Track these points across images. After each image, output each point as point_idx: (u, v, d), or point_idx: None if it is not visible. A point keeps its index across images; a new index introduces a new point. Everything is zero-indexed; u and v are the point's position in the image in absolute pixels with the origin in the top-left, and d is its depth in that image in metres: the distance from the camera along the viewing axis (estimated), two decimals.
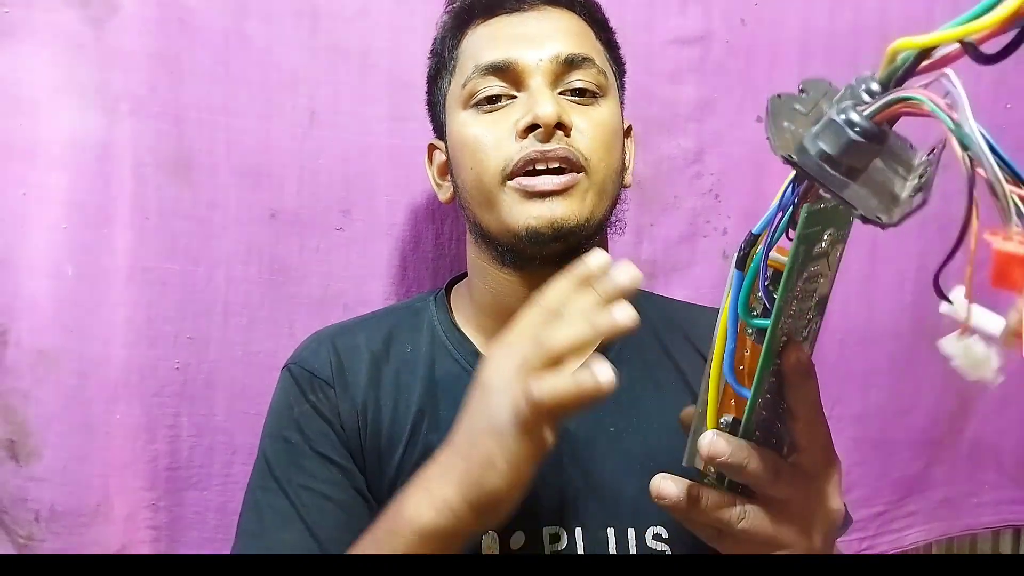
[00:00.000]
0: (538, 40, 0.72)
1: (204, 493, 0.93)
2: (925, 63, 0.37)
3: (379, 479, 0.70)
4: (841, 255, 0.46)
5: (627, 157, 0.81)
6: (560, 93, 0.71)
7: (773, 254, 0.45)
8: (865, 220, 0.39)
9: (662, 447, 0.71)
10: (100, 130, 0.87)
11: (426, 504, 0.50)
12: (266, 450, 0.72)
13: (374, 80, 0.94)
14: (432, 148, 0.82)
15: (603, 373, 0.46)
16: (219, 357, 0.92)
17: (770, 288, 0.45)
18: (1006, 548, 1.20)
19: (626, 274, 0.50)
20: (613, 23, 0.80)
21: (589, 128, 0.70)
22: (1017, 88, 1.05)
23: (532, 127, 0.68)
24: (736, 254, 0.46)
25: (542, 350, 0.48)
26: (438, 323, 0.77)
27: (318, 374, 0.73)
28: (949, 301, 0.40)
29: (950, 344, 0.39)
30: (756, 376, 0.46)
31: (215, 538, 0.93)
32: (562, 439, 0.70)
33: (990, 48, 0.36)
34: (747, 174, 1.03)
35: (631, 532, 0.69)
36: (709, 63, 1.01)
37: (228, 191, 0.91)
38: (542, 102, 0.68)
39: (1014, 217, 0.35)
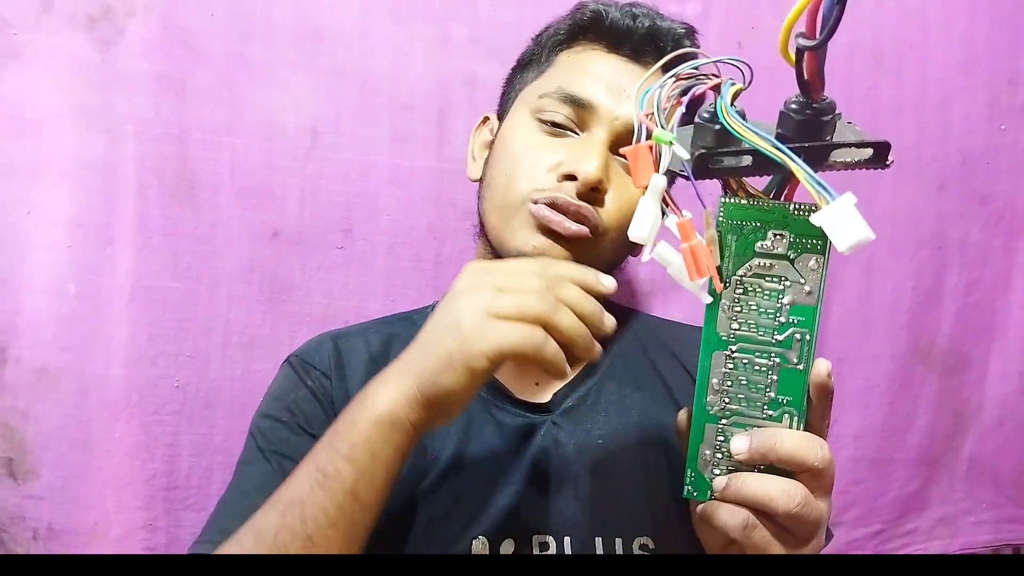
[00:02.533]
0: (626, 97, 0.71)
1: (201, 514, 0.93)
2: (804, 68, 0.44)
3: None
4: (823, 269, 0.48)
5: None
6: (618, 154, 0.71)
7: None
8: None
9: (649, 459, 0.73)
10: (105, 151, 0.88)
11: (384, 394, 0.52)
12: (254, 428, 0.74)
13: (375, 102, 0.95)
14: (486, 119, 0.83)
15: (568, 369, 0.52)
16: (219, 376, 0.92)
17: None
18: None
19: (611, 322, 0.54)
20: None
21: (624, 200, 0.71)
22: (1010, 110, 1.07)
23: (573, 177, 0.69)
24: None
25: (543, 307, 0.51)
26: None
27: (317, 366, 0.75)
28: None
29: (656, 253, 0.49)
30: (700, 356, 0.51)
31: None
32: (552, 450, 0.71)
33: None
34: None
35: (619, 542, 0.69)
36: None
37: (230, 211, 0.92)
38: (591, 159, 0.68)
39: (635, 135, 0.50)
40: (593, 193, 0.69)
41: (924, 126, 1.04)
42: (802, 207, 0.48)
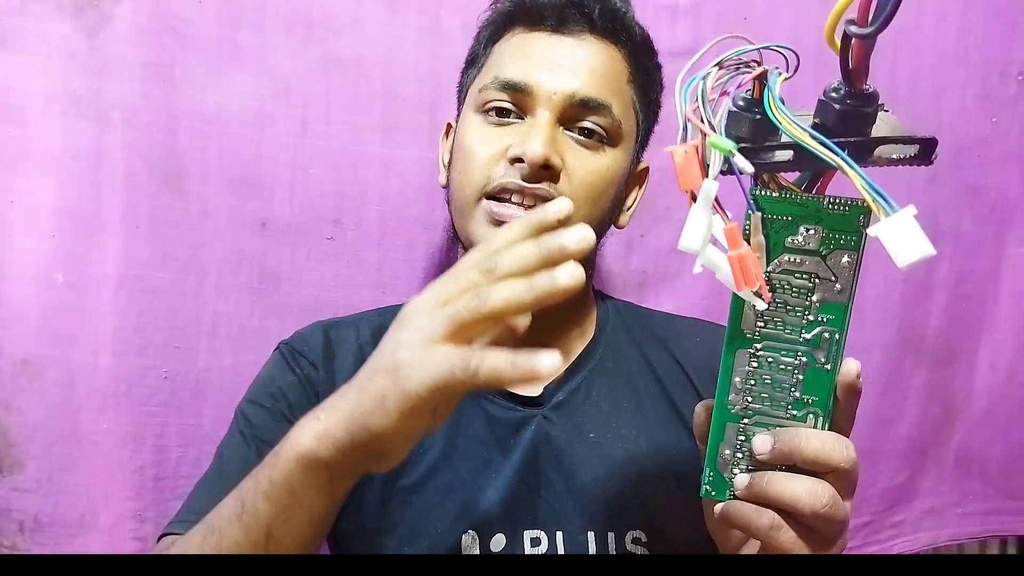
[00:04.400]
0: (561, 71, 0.70)
1: None
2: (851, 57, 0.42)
3: None
4: (856, 267, 0.47)
5: (632, 199, 0.82)
6: (567, 129, 0.71)
7: None
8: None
9: (641, 453, 0.73)
10: (92, 139, 0.87)
11: (310, 431, 0.47)
12: (239, 413, 0.74)
13: (366, 90, 0.94)
14: (449, 127, 0.83)
15: (545, 363, 0.42)
16: (207, 366, 0.92)
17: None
18: None
19: (576, 235, 0.44)
20: None
21: (581, 174, 0.70)
22: (1002, 102, 1.07)
23: (520, 159, 0.68)
24: None
25: (475, 304, 0.43)
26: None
27: (306, 355, 0.75)
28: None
29: (703, 256, 0.45)
30: (723, 353, 0.49)
31: None
32: (543, 443, 0.71)
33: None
34: (737, 186, 1.04)
35: (611, 536, 0.69)
36: None
37: (219, 200, 0.91)
38: (534, 139, 0.67)
39: (680, 129, 0.46)
40: (545, 172, 0.68)
41: (916, 117, 1.04)
42: (837, 201, 0.46)
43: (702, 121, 0.44)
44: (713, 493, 0.52)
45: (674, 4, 1.01)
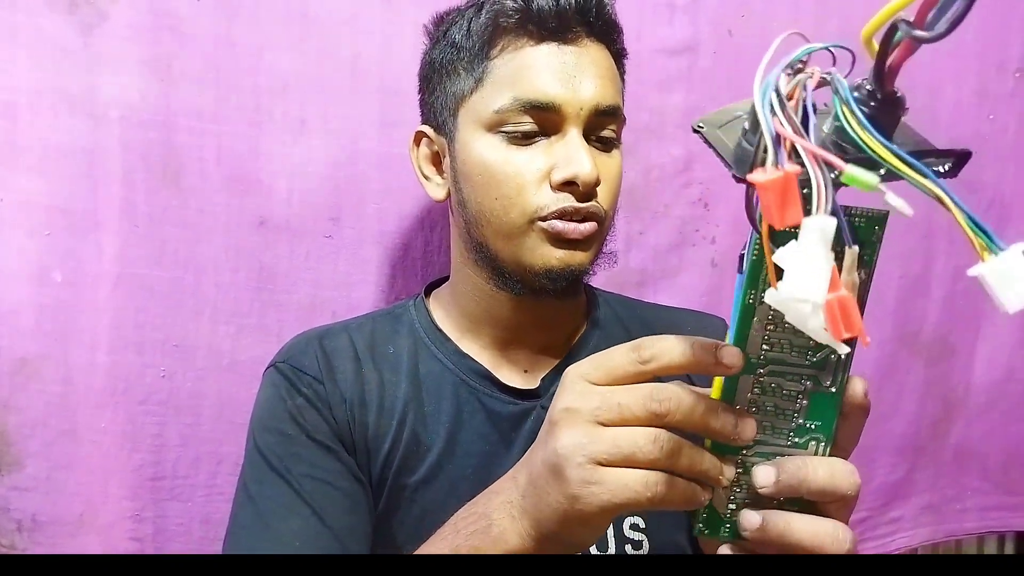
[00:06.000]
0: (581, 84, 0.70)
1: (188, 504, 0.92)
2: (890, 57, 0.37)
3: (366, 474, 0.71)
4: (869, 283, 0.43)
5: None
6: (589, 140, 0.71)
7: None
8: (736, 180, 0.40)
9: None
10: (89, 136, 0.87)
11: (514, 532, 0.49)
12: (259, 444, 0.71)
13: (364, 87, 0.94)
14: (421, 135, 0.79)
15: (706, 497, 0.45)
16: (206, 365, 0.91)
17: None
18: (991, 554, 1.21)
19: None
20: None
21: (608, 180, 0.71)
22: (999, 98, 1.07)
23: (571, 182, 0.68)
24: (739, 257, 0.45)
25: (655, 452, 0.43)
26: (419, 325, 0.78)
27: (307, 371, 0.73)
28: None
29: (770, 296, 0.37)
30: (725, 380, 0.45)
31: (199, 550, 0.92)
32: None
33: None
34: (735, 183, 1.04)
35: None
36: (697, 72, 1.02)
37: (217, 198, 0.90)
38: (583, 160, 0.68)
39: (771, 150, 0.36)
40: (592, 189, 0.69)
41: (913, 113, 1.04)
42: (853, 212, 0.42)
43: (804, 138, 0.36)
44: (707, 532, 0.48)
45: (672, 1, 1.01)
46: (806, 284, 0.36)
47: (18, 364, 0.86)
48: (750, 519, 0.45)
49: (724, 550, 0.48)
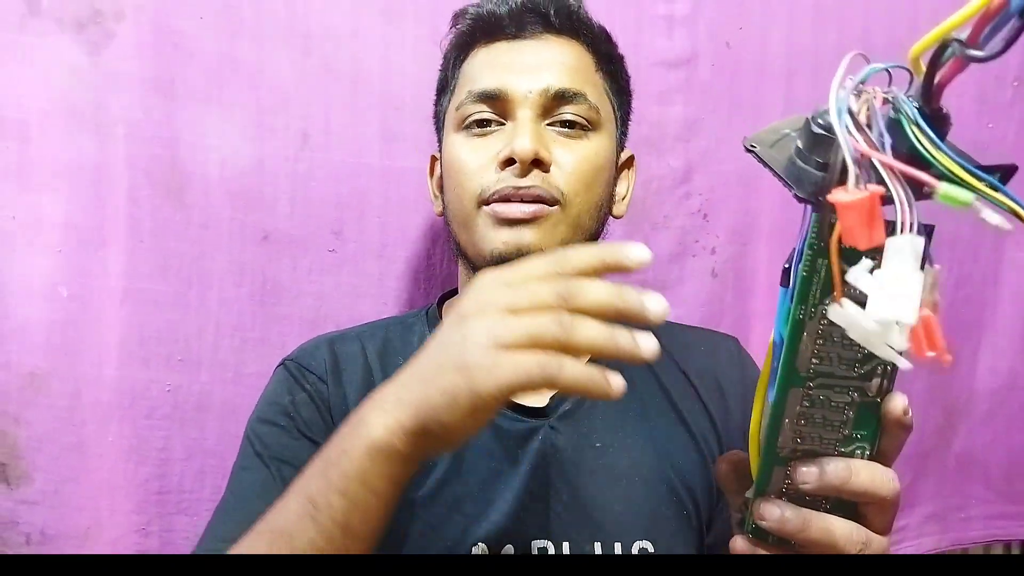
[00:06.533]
0: (531, 71, 0.73)
1: (194, 518, 0.92)
2: (939, 75, 0.38)
3: None
4: None
5: (624, 187, 0.83)
6: (549, 124, 0.73)
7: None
8: (799, 199, 0.40)
9: (646, 463, 0.73)
10: (96, 153, 0.88)
11: (380, 424, 0.48)
12: (251, 433, 0.72)
13: (366, 101, 0.95)
14: (434, 160, 0.84)
15: (617, 386, 0.44)
16: (210, 379, 0.92)
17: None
18: None
19: (660, 306, 0.45)
20: None
21: (571, 163, 0.72)
22: (998, 107, 1.07)
23: (511, 160, 0.70)
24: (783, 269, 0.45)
25: (556, 331, 0.44)
26: (429, 337, 0.78)
27: (313, 370, 0.74)
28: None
29: (834, 313, 0.37)
30: (775, 395, 0.45)
31: None
32: (549, 454, 0.71)
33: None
34: (735, 194, 1.04)
35: (617, 546, 0.69)
36: (696, 84, 1.03)
37: (220, 213, 0.91)
38: (521, 136, 0.70)
39: (852, 170, 0.36)
40: (536, 167, 0.70)
41: None
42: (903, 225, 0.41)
43: (883, 156, 0.36)
44: (753, 535, 0.49)
45: (670, 14, 1.01)
46: (896, 304, 0.35)
47: (28, 379, 0.87)
48: (770, 512, 0.46)
49: (738, 541, 0.49)
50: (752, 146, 0.42)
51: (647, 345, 0.45)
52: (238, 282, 0.92)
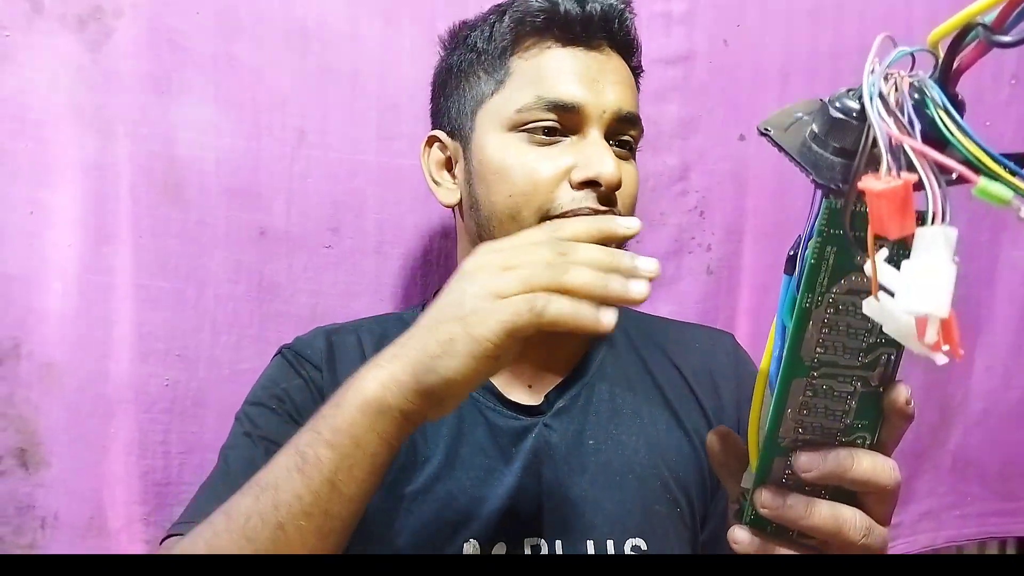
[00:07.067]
0: (604, 88, 0.70)
1: None
2: (958, 59, 0.37)
3: None
4: None
5: None
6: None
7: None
8: (816, 184, 0.39)
9: (640, 460, 0.73)
10: (98, 151, 0.88)
11: (373, 378, 0.49)
12: (242, 415, 0.73)
13: (363, 100, 0.95)
14: (433, 140, 0.79)
15: (607, 318, 0.46)
16: (208, 375, 0.92)
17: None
18: None
19: (651, 264, 0.48)
20: None
21: (627, 186, 0.71)
22: (995, 106, 1.07)
23: (592, 182, 0.67)
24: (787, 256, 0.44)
25: (551, 275, 0.46)
26: None
27: (310, 359, 0.75)
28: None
29: (869, 307, 0.36)
30: (778, 385, 0.45)
31: None
32: (543, 452, 0.71)
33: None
34: (731, 191, 1.05)
35: (610, 543, 0.70)
36: (693, 83, 1.03)
37: (217, 210, 0.92)
38: (607, 161, 0.67)
39: (885, 157, 0.35)
40: (613, 192, 0.68)
41: None
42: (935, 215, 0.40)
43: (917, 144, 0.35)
44: (751, 525, 0.49)
45: (668, 12, 1.01)
46: (929, 296, 0.34)
47: (46, 369, 0.88)
48: (769, 498, 0.46)
49: (737, 531, 0.48)
50: (766, 129, 0.42)
51: (637, 288, 0.46)
52: (235, 279, 0.93)
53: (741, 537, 0.48)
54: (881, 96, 0.36)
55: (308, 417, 0.70)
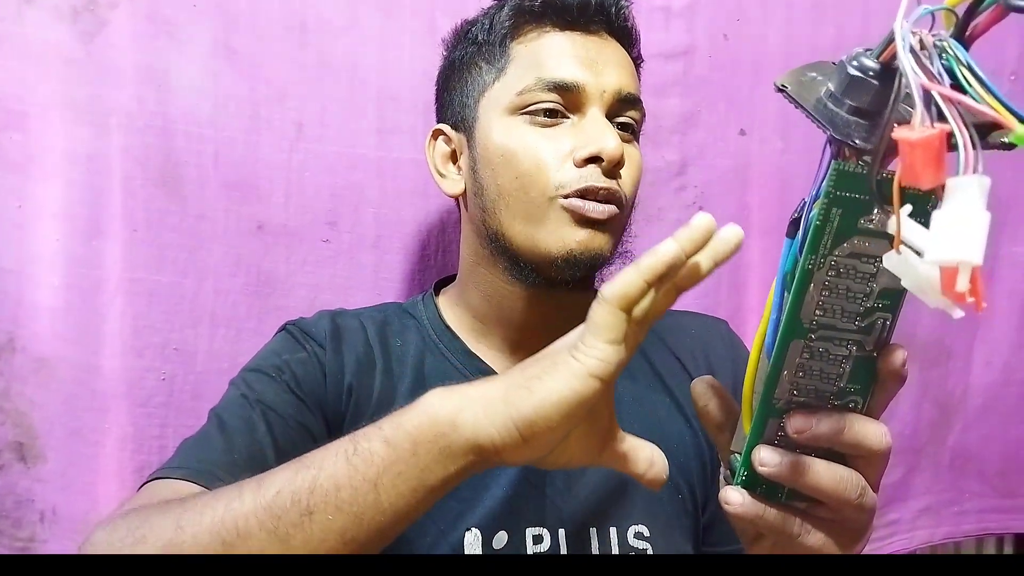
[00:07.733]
0: (604, 69, 0.72)
1: None
2: (973, 24, 0.38)
3: None
4: None
5: None
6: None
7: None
8: (834, 141, 0.40)
9: None
10: (91, 143, 0.88)
11: (459, 391, 0.46)
12: (239, 380, 0.72)
13: (361, 93, 0.95)
14: (438, 133, 0.79)
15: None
16: (205, 369, 0.92)
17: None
18: None
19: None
20: None
21: (630, 167, 0.73)
22: None
23: (595, 158, 0.69)
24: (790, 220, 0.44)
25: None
26: (428, 322, 0.79)
27: (314, 336, 0.75)
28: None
29: (890, 260, 0.37)
30: (776, 346, 0.45)
31: None
32: None
33: None
34: (730, 186, 1.05)
35: (613, 531, 0.70)
36: (692, 77, 1.03)
37: (216, 203, 0.92)
38: (609, 137, 0.69)
39: (920, 107, 0.35)
40: (616, 168, 0.70)
41: None
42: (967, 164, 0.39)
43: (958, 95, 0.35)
44: (744, 486, 0.48)
45: (667, 6, 1.01)
46: (962, 244, 0.34)
47: (40, 363, 0.88)
48: (768, 456, 0.46)
49: (730, 492, 0.48)
50: (784, 86, 0.42)
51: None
52: (233, 272, 0.92)
53: (734, 498, 0.47)
54: (912, 50, 0.36)
55: (307, 390, 0.70)
